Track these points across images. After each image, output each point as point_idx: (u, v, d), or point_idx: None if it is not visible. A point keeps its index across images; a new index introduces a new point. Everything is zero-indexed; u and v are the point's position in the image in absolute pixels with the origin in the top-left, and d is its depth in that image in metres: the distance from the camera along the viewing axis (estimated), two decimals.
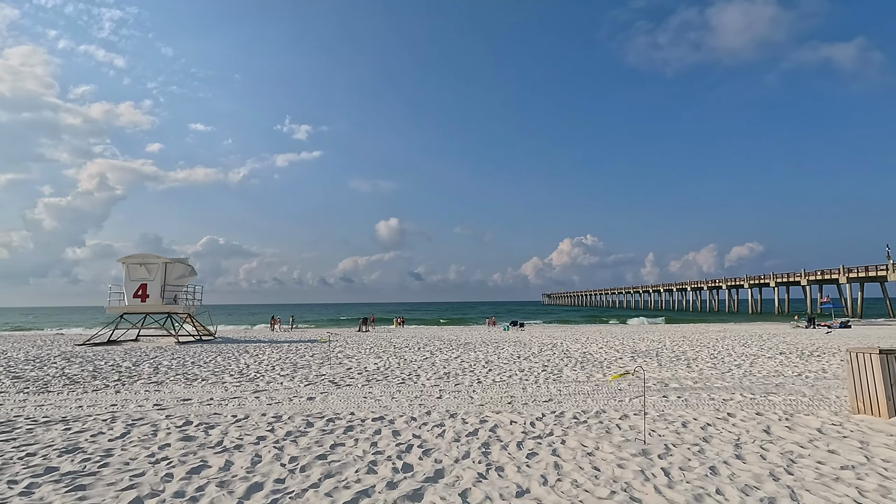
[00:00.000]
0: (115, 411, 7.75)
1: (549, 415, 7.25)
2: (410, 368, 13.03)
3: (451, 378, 11.21)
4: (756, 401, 8.22)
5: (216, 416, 7.34)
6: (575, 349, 18.50)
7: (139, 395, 9.31)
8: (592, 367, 12.97)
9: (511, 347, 19.45)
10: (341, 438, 6.03)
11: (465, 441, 5.87)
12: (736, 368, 12.54)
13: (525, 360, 14.95)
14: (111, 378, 11.56)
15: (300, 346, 20.69)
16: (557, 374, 11.83)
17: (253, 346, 20.85)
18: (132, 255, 24.95)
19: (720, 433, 6.08)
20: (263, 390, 9.70)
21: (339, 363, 14.40)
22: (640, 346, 19.89)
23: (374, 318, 43.13)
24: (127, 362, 15.04)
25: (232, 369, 13.11)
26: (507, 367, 13.09)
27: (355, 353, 17.35)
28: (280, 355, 16.87)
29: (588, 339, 24.25)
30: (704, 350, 17.67)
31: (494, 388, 9.72)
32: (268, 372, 12.50)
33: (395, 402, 8.45)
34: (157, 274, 24.93)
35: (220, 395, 9.25)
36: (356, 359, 15.57)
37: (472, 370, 12.58)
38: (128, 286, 24.73)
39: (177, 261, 25.85)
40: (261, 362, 14.77)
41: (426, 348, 19.39)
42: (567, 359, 15.12)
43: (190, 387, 10.18)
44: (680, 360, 14.45)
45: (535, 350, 18.21)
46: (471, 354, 16.71)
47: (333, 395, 9.07)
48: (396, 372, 12.35)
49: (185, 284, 27.00)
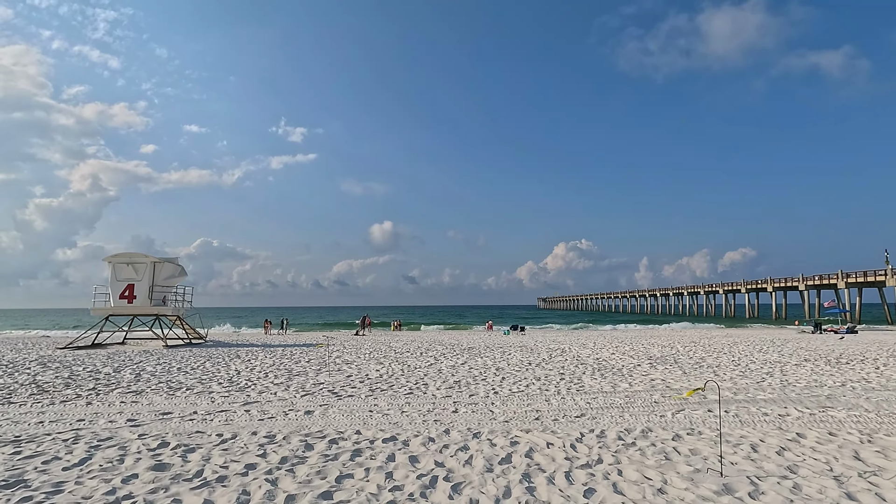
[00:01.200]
0: (81, 428, 6.65)
1: (589, 434, 6.22)
2: (416, 376, 11.97)
3: (463, 388, 10.16)
4: (817, 417, 7.23)
5: (198, 435, 6.25)
6: (586, 355, 17.50)
7: (113, 407, 8.19)
8: (613, 376, 11.96)
9: (518, 353, 18.42)
10: (348, 467, 4.97)
11: (500, 471, 4.82)
12: (769, 377, 11.57)
13: (538, 366, 13.92)
14: (86, 386, 10.42)
15: (295, 351, 19.56)
16: (578, 383, 10.82)
17: (245, 351, 19.70)
18: (119, 253, 23.75)
19: (804, 460, 5.08)
20: (255, 402, 8.61)
21: (338, 370, 13.31)
22: (652, 351, 18.92)
23: (370, 322, 41.98)
24: (108, 368, 13.88)
25: (221, 376, 12.00)
26: (520, 375, 12.05)
27: (355, 359, 16.26)
28: (274, 361, 15.75)
29: (596, 343, 23.26)
30: (723, 356, 16.72)
31: (514, 400, 8.68)
32: (260, 380, 11.40)
33: (405, 417, 7.39)
34: (145, 274, 23.72)
35: (206, 407, 8.16)
36: (356, 365, 14.48)
37: (485, 378, 11.54)
38: (114, 286, 23.50)
39: (166, 260, 24.65)
40: (253, 368, 13.66)
41: (429, 353, 18.32)
42: (582, 366, 14.10)
43: (172, 397, 9.07)
44: (703, 368, 13.48)
45: (545, 356, 17.18)
46: (478, 360, 15.66)
47: (334, 409, 8.00)
48: (402, 380, 11.28)
49: (175, 285, 25.79)
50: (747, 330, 40.16)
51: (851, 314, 57.35)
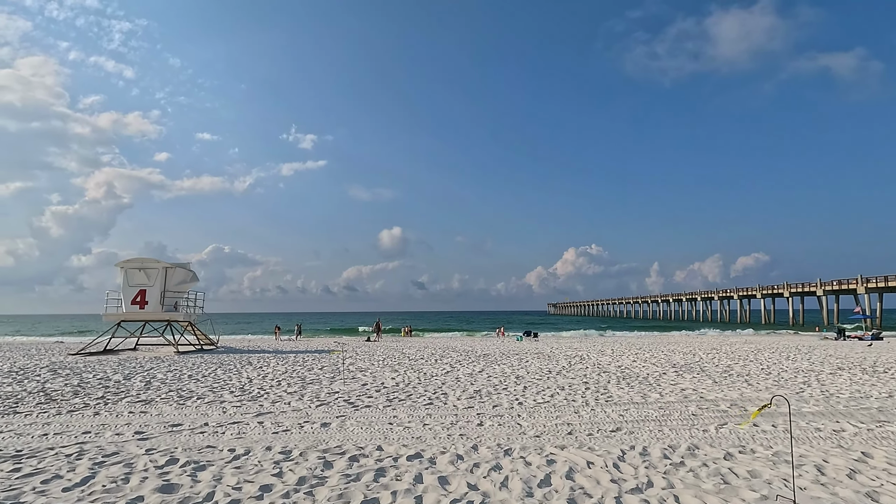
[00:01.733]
0: (86, 442, 6.27)
1: (630, 452, 5.71)
2: (434, 385, 11.50)
3: (485, 397, 9.67)
4: (876, 433, 6.65)
5: (209, 450, 5.84)
6: (606, 362, 16.90)
7: (121, 417, 7.83)
8: (640, 385, 11.39)
9: (536, 360, 17.86)
10: (373, 490, 4.52)
11: (542, 496, 4.34)
12: (806, 387, 10.93)
13: (559, 375, 13.38)
14: (95, 395, 10.09)
15: (307, 358, 19.19)
16: (604, 392, 10.27)
17: (257, 357, 19.37)
18: (131, 258, 23.63)
19: (881, 485, 4.53)
20: (268, 412, 8.20)
21: (352, 378, 12.88)
22: (674, 358, 18.26)
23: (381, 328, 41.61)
24: (118, 375, 13.59)
25: (233, 384, 11.63)
26: (542, 384, 11.53)
27: (368, 366, 15.83)
28: (286, 368, 15.37)
29: (614, 350, 22.60)
30: (751, 364, 16.03)
31: (541, 412, 8.18)
32: (273, 388, 11.01)
33: (428, 430, 6.93)
34: (157, 279, 23.56)
35: (217, 418, 7.76)
36: (371, 373, 14.05)
37: (505, 388, 11.04)
38: (126, 292, 23.36)
39: (177, 266, 24.48)
40: (265, 376, 13.28)
41: (444, 360, 17.84)
42: (605, 374, 13.53)
43: (183, 407, 8.69)
44: (732, 377, 12.85)
45: (564, 363, 16.62)
46: (496, 368, 15.15)
47: (352, 420, 7.56)
48: (419, 389, 10.82)
49: (186, 291, 25.63)
50: (767, 336, 39.12)
51: (872, 320, 56.17)
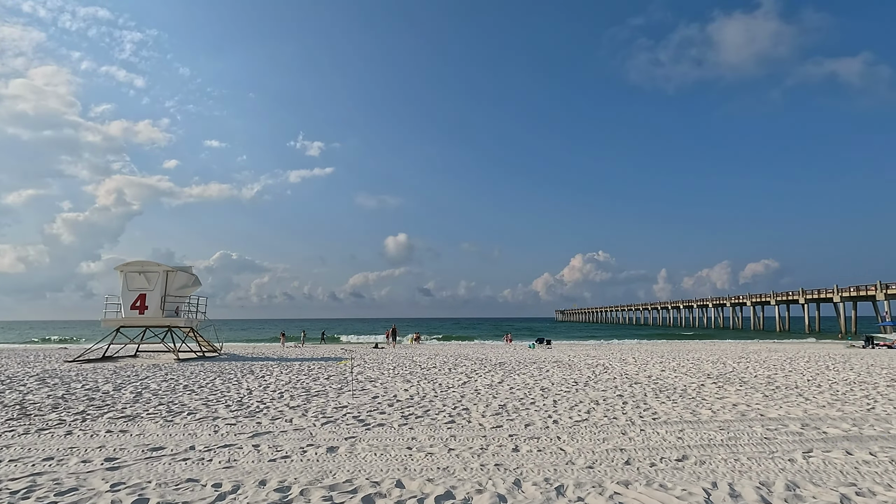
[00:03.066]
0: (43, 472, 5.20)
1: (716, 492, 4.54)
2: (452, 398, 10.35)
3: (513, 414, 8.51)
4: None
5: (189, 486, 4.75)
6: (633, 372, 15.66)
7: (95, 438, 6.76)
8: (682, 399, 10.18)
9: (557, 370, 16.66)
10: None
11: None
12: (874, 403, 9.67)
13: (587, 386, 12.19)
14: (75, 409, 9.04)
15: (313, 366, 18.09)
16: (646, 408, 9.09)
17: (259, 366, 18.31)
18: (130, 261, 22.71)
19: None
20: (266, 432, 7.11)
21: (361, 389, 11.77)
22: (704, 367, 16.98)
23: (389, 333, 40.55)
24: (109, 385, 12.57)
25: (230, 397, 10.55)
26: (573, 397, 10.35)
27: (378, 376, 14.70)
28: (290, 377, 14.28)
29: (636, 359, 21.32)
30: (793, 375, 14.73)
31: (583, 433, 7.02)
32: (274, 401, 9.91)
33: (455, 457, 5.80)
34: (158, 283, 22.62)
35: (206, 439, 6.67)
36: (381, 383, 12.92)
37: (532, 401, 9.87)
38: (125, 296, 22.43)
39: (179, 269, 23.54)
40: (266, 386, 12.20)
41: (458, 370, 16.68)
42: (636, 385, 12.32)
43: (169, 425, 7.61)
44: (780, 389, 11.60)
45: (588, 373, 15.40)
46: (516, 378, 13.97)
47: (363, 444, 6.44)
48: (437, 403, 9.68)
49: (188, 295, 24.67)
50: (790, 345, 37.56)
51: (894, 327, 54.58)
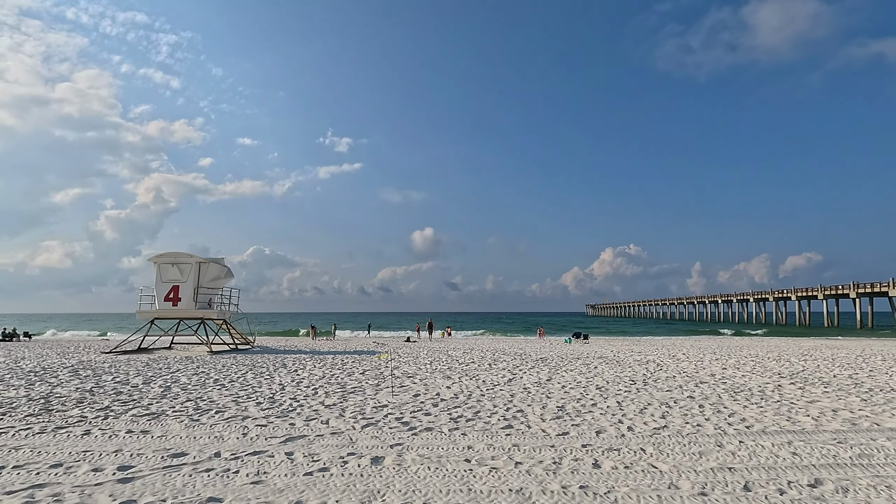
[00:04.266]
0: (46, 483, 4.47)
1: None
2: (502, 398, 9.33)
3: (576, 417, 7.43)
4: None
5: None
6: (691, 370, 14.28)
7: (113, 440, 6.05)
8: (767, 403, 8.87)
9: (605, 366, 15.42)
10: None
11: None
12: None
13: (647, 385, 10.96)
14: (100, 405, 8.46)
15: (346, 360, 17.40)
16: (729, 412, 7.85)
17: (292, 359, 17.73)
18: (163, 253, 22.56)
19: None
20: (300, 436, 6.26)
21: (401, 386, 10.88)
22: (769, 365, 15.41)
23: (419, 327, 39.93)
24: (139, 378, 12.11)
25: (262, 393, 9.83)
26: (637, 398, 9.18)
27: (416, 371, 13.82)
28: (323, 372, 13.56)
29: (686, 355, 19.79)
30: (879, 375, 13.08)
31: (670, 444, 5.89)
32: (308, 399, 9.12)
33: (527, 475, 4.78)
34: (190, 275, 22.40)
35: (233, 444, 5.87)
36: (421, 379, 12.01)
37: (593, 402, 8.76)
38: (159, 288, 22.32)
39: (211, 261, 23.28)
40: (300, 381, 11.47)
41: (498, 365, 15.65)
42: (703, 385, 11.02)
43: (195, 425, 6.87)
44: (874, 392, 10.10)
45: (642, 370, 14.11)
46: (564, 376, 12.85)
47: (412, 453, 5.50)
48: (486, 403, 8.68)
49: (221, 288, 24.45)
50: (853, 341, 34.94)
51: None
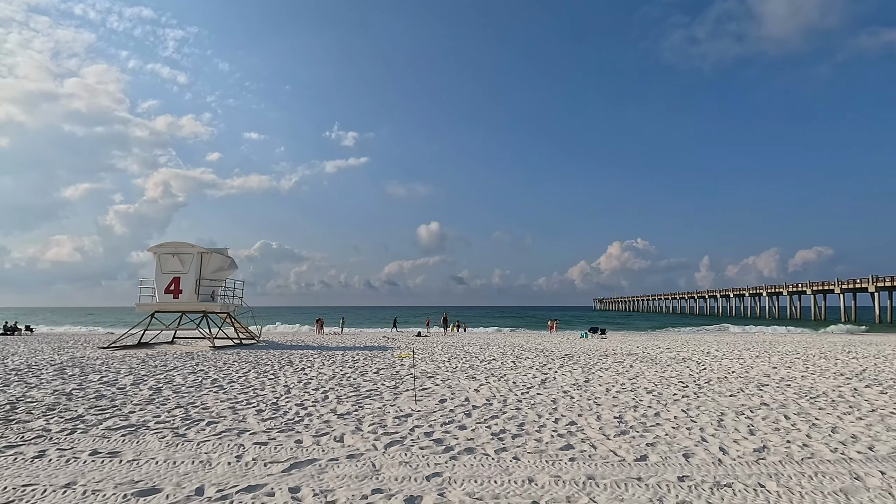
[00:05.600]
0: None
1: None
2: (543, 405, 7.95)
3: (648, 434, 6.03)
4: None
5: None
6: (738, 369, 12.82)
7: (70, 466, 4.74)
8: (858, 411, 7.43)
9: (641, 365, 13.99)
10: None
11: None
12: None
13: (705, 389, 9.52)
14: (72, 412, 7.17)
15: (357, 357, 16.09)
16: (833, 428, 6.42)
17: (299, 355, 16.46)
18: (164, 243, 21.35)
19: None
20: (309, 460, 4.92)
21: (421, 388, 9.54)
22: (818, 363, 13.92)
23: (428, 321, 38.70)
24: (129, 377, 10.86)
25: (265, 397, 8.52)
26: (705, 407, 7.76)
27: (435, 370, 12.46)
28: (333, 370, 12.25)
29: (721, 351, 18.29)
30: None
31: (798, 478, 4.48)
32: (317, 405, 7.79)
33: None
34: (192, 266, 21.18)
35: (222, 473, 4.54)
36: (443, 380, 10.65)
37: (655, 412, 7.35)
38: (159, 279, 21.12)
39: (214, 251, 22.02)
40: (307, 383, 10.16)
41: (523, 363, 14.28)
42: (769, 389, 9.57)
43: (179, 443, 5.55)
44: None
45: (686, 371, 12.67)
46: (601, 376, 11.44)
47: (458, 490, 4.13)
48: (527, 412, 7.30)
49: (225, 279, 23.22)
50: (883, 336, 33.22)
51: None
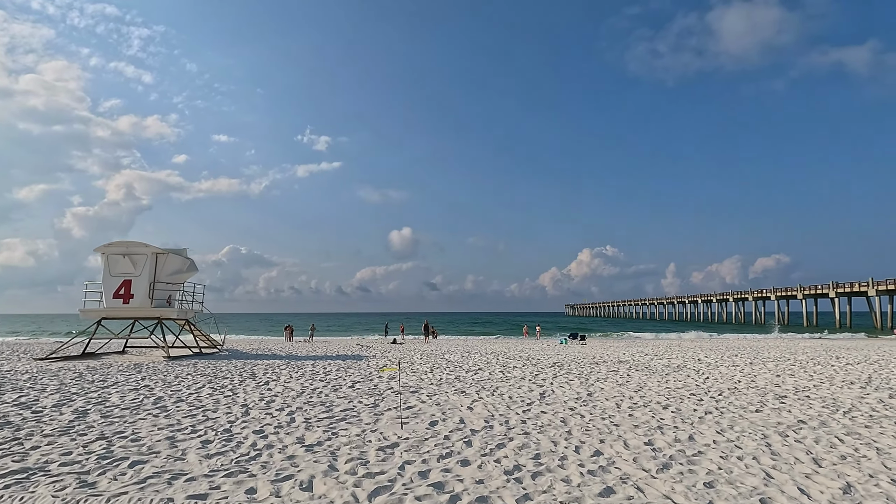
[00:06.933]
0: None
1: None
2: (553, 427, 6.72)
3: (697, 468, 4.87)
4: None
5: None
6: (742, 378, 11.97)
7: None
8: None
9: (638, 374, 13.00)
10: None
11: None
12: None
13: (722, 403, 8.51)
14: None
15: (329, 367, 14.57)
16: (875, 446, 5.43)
17: (264, 366, 14.80)
18: (113, 242, 19.30)
19: None
20: None
21: (406, 405, 8.18)
22: (817, 369, 13.25)
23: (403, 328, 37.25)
24: (55, 396, 9.11)
25: (216, 422, 7.01)
26: (735, 426, 6.69)
27: (418, 383, 11.10)
28: (302, 385, 10.74)
29: (712, 358, 17.57)
30: None
31: None
32: (280, 431, 6.35)
33: None
34: (145, 268, 19.19)
35: None
36: (429, 395, 9.30)
37: (686, 434, 6.23)
38: (107, 283, 19.04)
39: (171, 252, 20.06)
40: (271, 400, 8.66)
41: (513, 373, 13.08)
42: (790, 401, 8.64)
43: (82, 501, 4.06)
44: None
45: (691, 381, 11.73)
46: (603, 388, 10.34)
47: None
48: (538, 438, 6.05)
49: (183, 282, 21.24)
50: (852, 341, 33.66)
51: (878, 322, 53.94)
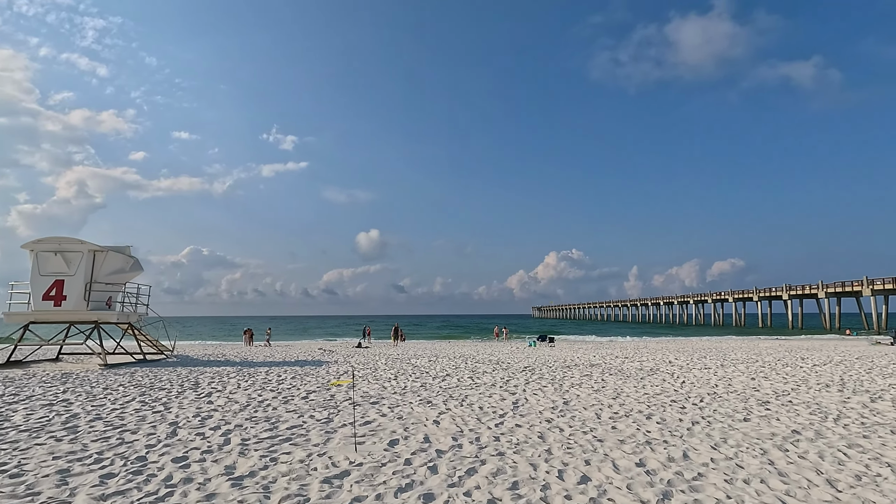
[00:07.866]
0: None
1: None
2: (530, 444, 5.88)
3: (706, 496, 4.13)
4: None
5: None
6: (717, 382, 11.54)
7: None
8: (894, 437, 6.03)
9: (612, 378, 12.41)
10: None
11: None
12: None
13: (707, 411, 7.92)
14: None
15: (284, 374, 13.36)
16: None
17: (211, 374, 13.44)
18: (43, 238, 17.40)
19: None
20: None
21: (363, 420, 7.18)
22: (790, 371, 13.04)
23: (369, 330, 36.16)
24: None
25: (132, 447, 5.83)
26: (720, 435, 6.05)
27: (380, 393, 10.09)
28: (248, 396, 9.56)
29: (684, 360, 17.30)
30: None
31: None
32: (207, 457, 5.25)
33: None
34: (80, 266, 17.36)
35: None
36: (391, 407, 8.33)
37: (680, 452, 5.52)
38: (36, 283, 17.11)
39: (111, 249, 18.28)
40: (207, 416, 7.49)
41: (483, 379, 12.25)
42: (784, 410, 8.15)
43: None
44: None
45: (668, 387, 11.19)
46: (578, 395, 9.62)
47: None
48: (514, 460, 5.20)
49: (125, 282, 19.44)
50: (811, 341, 34.59)
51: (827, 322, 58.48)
